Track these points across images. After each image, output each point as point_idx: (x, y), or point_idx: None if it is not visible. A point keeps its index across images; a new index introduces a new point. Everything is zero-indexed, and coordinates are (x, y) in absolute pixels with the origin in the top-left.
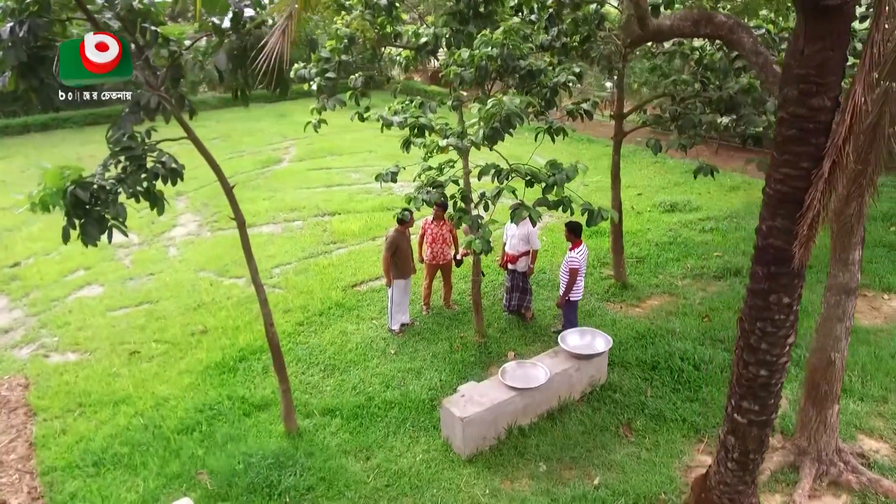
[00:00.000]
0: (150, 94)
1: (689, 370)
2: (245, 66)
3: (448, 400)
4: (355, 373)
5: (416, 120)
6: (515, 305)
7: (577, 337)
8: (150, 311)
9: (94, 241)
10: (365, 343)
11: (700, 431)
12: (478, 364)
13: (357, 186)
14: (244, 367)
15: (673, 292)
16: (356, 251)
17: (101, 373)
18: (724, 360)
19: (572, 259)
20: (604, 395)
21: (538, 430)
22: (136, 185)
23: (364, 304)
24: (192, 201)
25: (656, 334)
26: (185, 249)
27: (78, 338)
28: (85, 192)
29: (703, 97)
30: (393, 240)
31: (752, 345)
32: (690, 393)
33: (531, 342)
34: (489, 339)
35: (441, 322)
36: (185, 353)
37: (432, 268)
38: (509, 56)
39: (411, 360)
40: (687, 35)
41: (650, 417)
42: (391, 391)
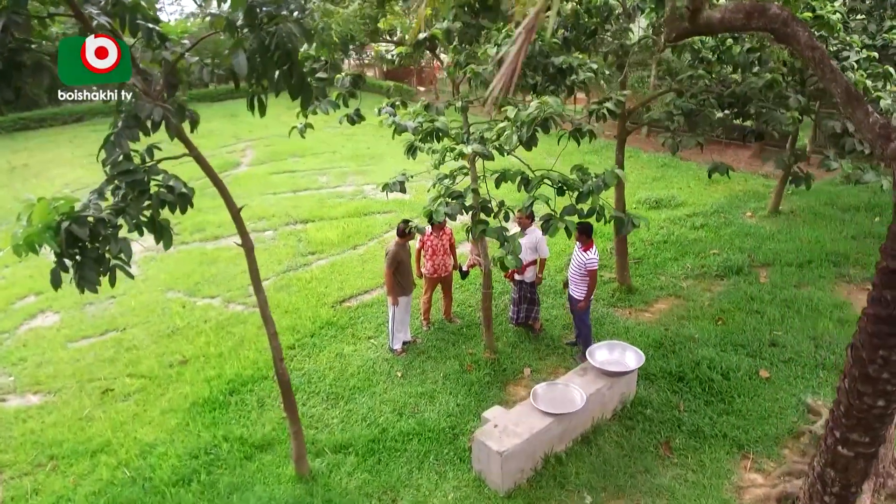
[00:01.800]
0: (153, 106)
1: (719, 380)
2: (270, 69)
3: (481, 432)
4: (362, 401)
5: (431, 125)
6: (523, 317)
7: (605, 351)
8: (118, 340)
9: (93, 287)
10: (367, 366)
11: (743, 447)
12: (494, 384)
13: (326, 190)
14: (236, 401)
15: (679, 294)
16: (338, 262)
17: (71, 417)
18: (749, 366)
19: (591, 261)
20: (635, 412)
21: (575, 455)
22: (139, 216)
23: (358, 322)
24: None
25: (675, 342)
26: (147, 267)
27: (38, 376)
28: (83, 228)
29: (716, 92)
30: (395, 255)
31: (871, 375)
32: (724, 405)
33: (545, 356)
34: (501, 355)
35: (445, 338)
36: (165, 388)
37: (433, 281)
38: (540, 53)
39: (421, 383)
40: (737, 29)
41: (688, 434)
42: (405, 420)
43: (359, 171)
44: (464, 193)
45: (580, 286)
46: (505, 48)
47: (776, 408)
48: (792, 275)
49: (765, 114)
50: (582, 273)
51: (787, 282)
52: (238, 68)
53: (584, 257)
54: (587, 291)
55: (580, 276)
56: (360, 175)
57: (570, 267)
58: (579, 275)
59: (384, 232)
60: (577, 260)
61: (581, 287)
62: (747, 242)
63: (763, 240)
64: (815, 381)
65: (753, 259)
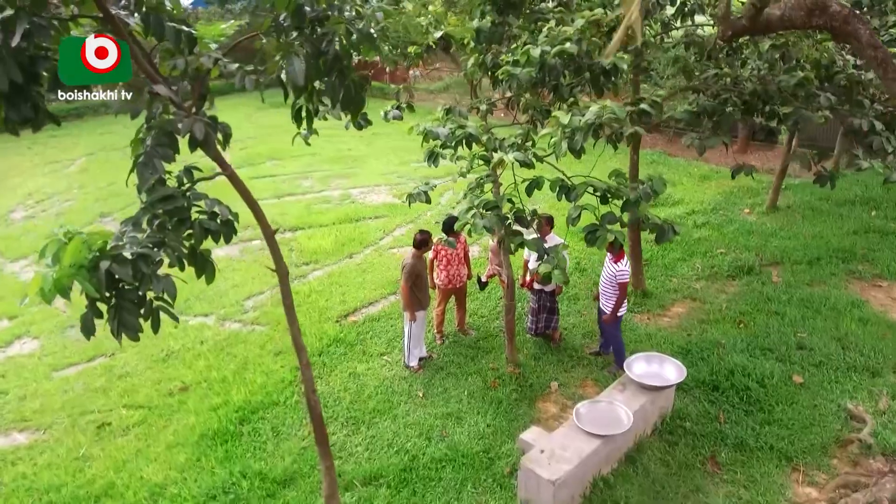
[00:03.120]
0: (192, 121)
1: (755, 388)
2: (330, 78)
3: (528, 459)
4: (385, 425)
5: (463, 131)
6: (542, 327)
7: (643, 364)
8: (108, 366)
9: (135, 335)
10: (384, 386)
11: (791, 459)
12: (522, 401)
13: (311, 195)
14: (248, 430)
15: (694, 297)
16: (336, 273)
17: (66, 457)
18: (782, 372)
19: (622, 273)
20: (675, 426)
21: (622, 477)
22: (181, 248)
23: (367, 338)
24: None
25: (701, 348)
26: None
27: (23, 411)
28: (124, 267)
29: (737, 91)
30: (413, 268)
31: None
32: (765, 414)
33: (570, 368)
34: (524, 369)
35: (461, 352)
36: (167, 419)
37: (447, 292)
38: (587, 53)
39: (445, 403)
40: (797, 26)
41: (733, 447)
42: (435, 445)
43: (343, 175)
44: (499, 203)
45: (611, 299)
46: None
47: (817, 415)
48: (803, 273)
49: (792, 113)
50: (613, 285)
51: (799, 280)
52: (294, 76)
53: (613, 269)
54: (615, 305)
55: (611, 288)
56: (345, 178)
57: (602, 280)
58: (610, 287)
59: (379, 238)
60: (607, 272)
61: (611, 300)
62: (752, 241)
63: (767, 237)
64: (850, 384)
65: (762, 258)
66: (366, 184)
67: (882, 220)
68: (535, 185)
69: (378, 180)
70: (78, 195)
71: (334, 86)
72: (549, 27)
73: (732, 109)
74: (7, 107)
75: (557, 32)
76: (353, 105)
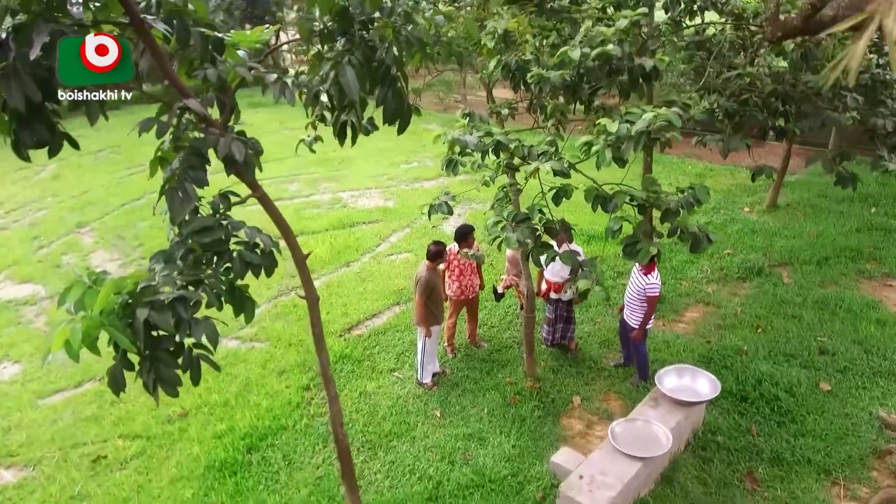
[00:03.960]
0: (229, 140)
1: (785, 397)
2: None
3: (568, 486)
4: (403, 449)
5: (492, 139)
6: (559, 338)
7: (674, 377)
8: (99, 392)
9: (174, 390)
10: (398, 405)
11: (830, 472)
12: (545, 418)
13: (300, 200)
14: (258, 460)
15: (707, 301)
16: (334, 283)
17: (60, 496)
18: (808, 379)
19: (652, 286)
20: (707, 440)
21: (660, 499)
22: (220, 286)
23: (374, 353)
24: (99, 234)
25: (723, 356)
26: None
27: (9, 445)
28: (163, 314)
29: (758, 91)
30: (428, 281)
31: None
32: (797, 425)
33: (591, 381)
34: (543, 383)
35: (476, 366)
36: (168, 449)
37: (459, 304)
38: (628, 56)
39: (465, 423)
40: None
41: (770, 462)
42: (459, 469)
43: (331, 178)
44: (530, 214)
45: (637, 312)
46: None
47: (849, 424)
48: (813, 273)
49: (816, 114)
50: (641, 298)
51: (810, 281)
52: (347, 88)
53: (643, 281)
54: (643, 319)
55: (638, 301)
56: (333, 181)
57: (628, 291)
58: (637, 300)
59: (376, 245)
60: (635, 284)
61: (638, 314)
62: (758, 240)
63: (772, 236)
64: (878, 391)
65: (770, 258)
66: (356, 187)
67: (882, 217)
68: (563, 193)
69: (368, 183)
70: (51, 204)
71: (388, 97)
72: (587, 27)
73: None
74: (20, 128)
75: (596, 33)
76: (403, 117)
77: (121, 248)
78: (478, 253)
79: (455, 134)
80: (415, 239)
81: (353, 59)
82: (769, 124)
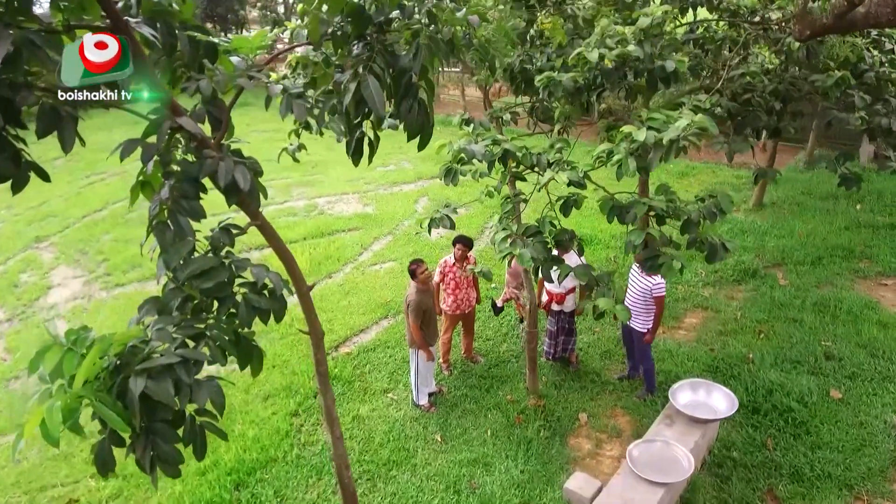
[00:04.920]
0: (231, 164)
1: (797, 408)
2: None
3: None
4: (404, 478)
5: (499, 148)
6: (561, 350)
7: (689, 392)
8: None
9: (176, 470)
10: (395, 430)
11: (852, 487)
12: (553, 438)
13: (274, 207)
14: (247, 498)
15: (705, 305)
16: (316, 297)
17: None
18: (819, 387)
19: (659, 286)
20: (722, 457)
21: None
22: (225, 337)
23: (365, 372)
24: (60, 249)
25: (729, 364)
26: (78, 321)
27: None
28: (163, 383)
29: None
30: (419, 304)
31: None
32: (813, 437)
33: (596, 395)
34: (547, 399)
35: (473, 383)
36: (147, 489)
37: (455, 319)
38: (649, 57)
39: (468, 447)
40: (882, 25)
41: (789, 479)
42: (466, 500)
43: (305, 182)
44: (540, 227)
45: (643, 316)
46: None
47: (865, 434)
48: (808, 274)
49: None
50: (646, 301)
51: (806, 283)
52: (371, 101)
53: (647, 283)
54: (654, 322)
55: (644, 304)
56: (308, 186)
57: (629, 296)
58: (643, 303)
59: (358, 254)
60: (638, 286)
61: (644, 317)
62: (749, 241)
63: (762, 236)
64: (889, 397)
65: (763, 259)
66: (332, 192)
67: (868, 213)
68: (572, 203)
69: (344, 188)
70: (6, 217)
71: (412, 111)
72: (603, 27)
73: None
74: None
75: (613, 32)
76: (425, 131)
77: (84, 264)
78: (485, 269)
79: (461, 143)
80: (398, 247)
81: (375, 67)
82: (772, 124)
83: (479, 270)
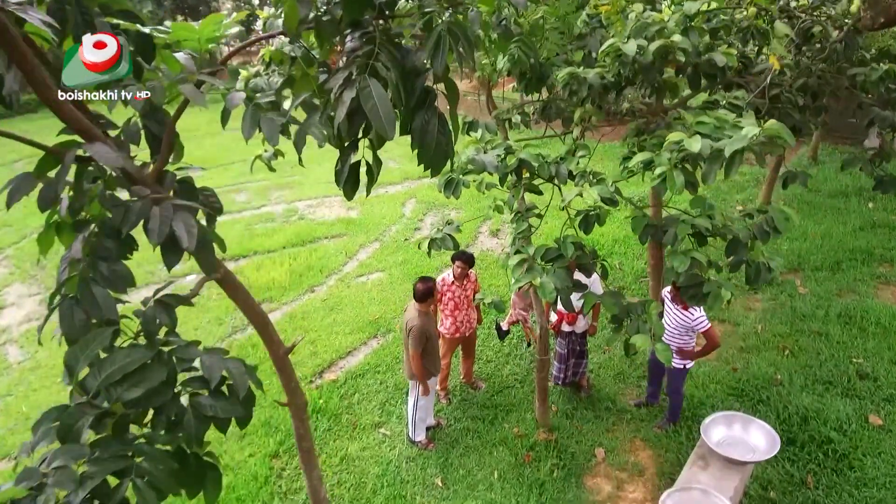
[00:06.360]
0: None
1: (837, 437)
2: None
3: None
4: None
5: (514, 158)
6: (572, 374)
7: (723, 428)
8: (9, 475)
9: None
10: (390, 472)
11: None
12: (568, 479)
13: (250, 213)
14: None
15: (721, 317)
16: (297, 314)
17: None
18: (856, 411)
19: (701, 321)
20: (759, 498)
21: None
22: (167, 463)
23: (354, 403)
24: (15, 262)
25: (756, 386)
26: (32, 346)
27: None
28: None
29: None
30: (422, 329)
31: None
32: (857, 473)
33: (612, 426)
34: (558, 432)
35: (475, 413)
36: None
37: (454, 342)
38: (695, 49)
39: (472, 492)
40: None
41: None
42: None
43: (282, 185)
44: (562, 249)
45: (684, 350)
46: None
47: None
48: (827, 281)
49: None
50: (682, 336)
51: (826, 290)
52: (375, 115)
53: (687, 319)
54: (699, 354)
55: (679, 339)
56: (286, 189)
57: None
58: (678, 338)
59: (342, 264)
60: (676, 320)
61: (685, 351)
62: None
63: (774, 238)
64: None
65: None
66: (312, 195)
67: (882, 212)
68: (595, 219)
69: (326, 190)
70: None
71: (429, 127)
72: (638, 13)
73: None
74: None
75: (651, 21)
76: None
77: (41, 279)
78: (496, 300)
79: (469, 153)
80: (386, 255)
81: (379, 67)
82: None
83: (491, 302)
